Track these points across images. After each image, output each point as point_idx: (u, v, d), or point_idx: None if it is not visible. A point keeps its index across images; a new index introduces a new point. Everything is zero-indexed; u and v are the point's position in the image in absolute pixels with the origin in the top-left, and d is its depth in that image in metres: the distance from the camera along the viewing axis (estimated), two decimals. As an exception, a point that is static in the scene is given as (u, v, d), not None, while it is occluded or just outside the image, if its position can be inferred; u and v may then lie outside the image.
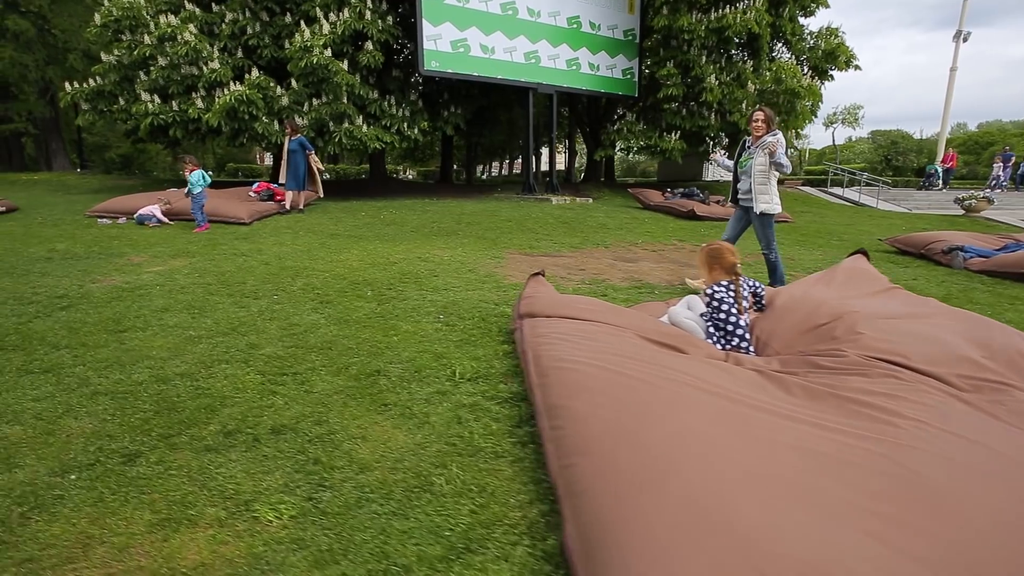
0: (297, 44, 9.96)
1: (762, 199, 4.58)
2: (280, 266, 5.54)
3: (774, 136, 4.48)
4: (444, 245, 7.13)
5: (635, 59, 14.24)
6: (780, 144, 4.46)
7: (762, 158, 4.49)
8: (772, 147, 4.35)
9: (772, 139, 4.45)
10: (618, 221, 10.32)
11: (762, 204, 4.59)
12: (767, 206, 4.61)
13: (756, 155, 4.56)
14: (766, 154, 4.44)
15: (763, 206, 4.59)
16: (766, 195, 4.57)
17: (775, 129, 4.55)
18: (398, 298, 4.47)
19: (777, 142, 4.46)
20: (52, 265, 5.20)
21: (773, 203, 4.62)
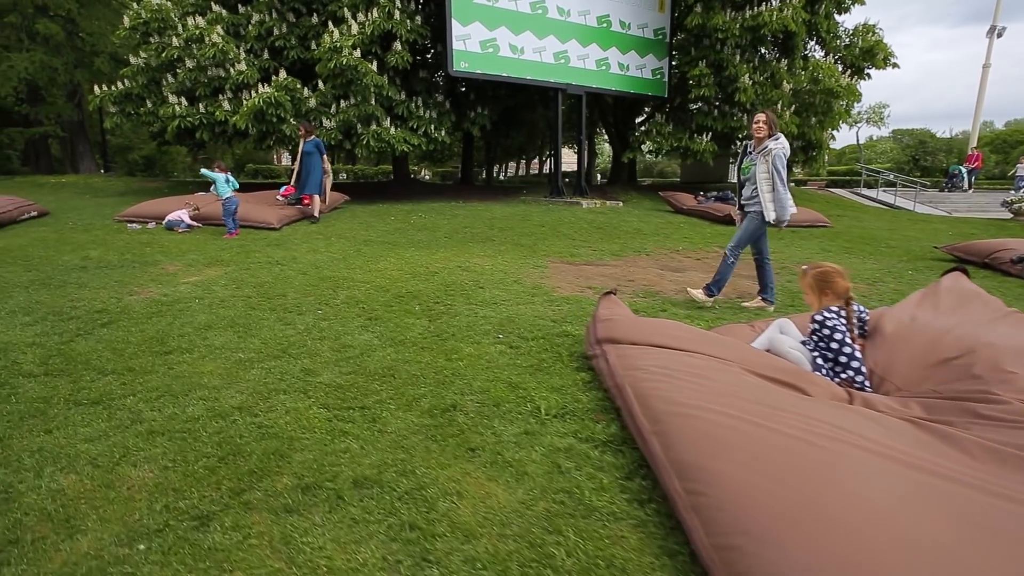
0: (326, 45, 9.77)
1: (771, 207, 4.29)
2: (318, 276, 5.32)
3: (776, 141, 4.24)
4: (482, 253, 6.88)
5: (665, 59, 13.88)
6: (779, 156, 4.20)
7: (764, 165, 4.25)
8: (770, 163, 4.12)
9: (775, 145, 4.21)
10: (653, 226, 10.00)
11: (771, 212, 4.30)
12: (784, 214, 4.31)
13: (759, 162, 4.31)
14: (768, 161, 4.20)
15: (772, 215, 4.31)
16: (774, 202, 4.30)
17: (777, 133, 4.30)
18: (448, 313, 4.22)
19: (779, 149, 4.21)
20: (87, 275, 5.03)
21: (780, 213, 4.29)
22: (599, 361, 2.79)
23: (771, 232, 4.92)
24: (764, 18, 11.97)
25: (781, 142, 4.25)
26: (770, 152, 4.20)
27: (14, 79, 14.60)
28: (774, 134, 4.27)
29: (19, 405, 2.35)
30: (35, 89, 16.46)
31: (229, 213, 7.65)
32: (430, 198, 13.04)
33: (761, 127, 4.31)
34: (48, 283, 4.64)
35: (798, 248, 8.34)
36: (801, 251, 8.06)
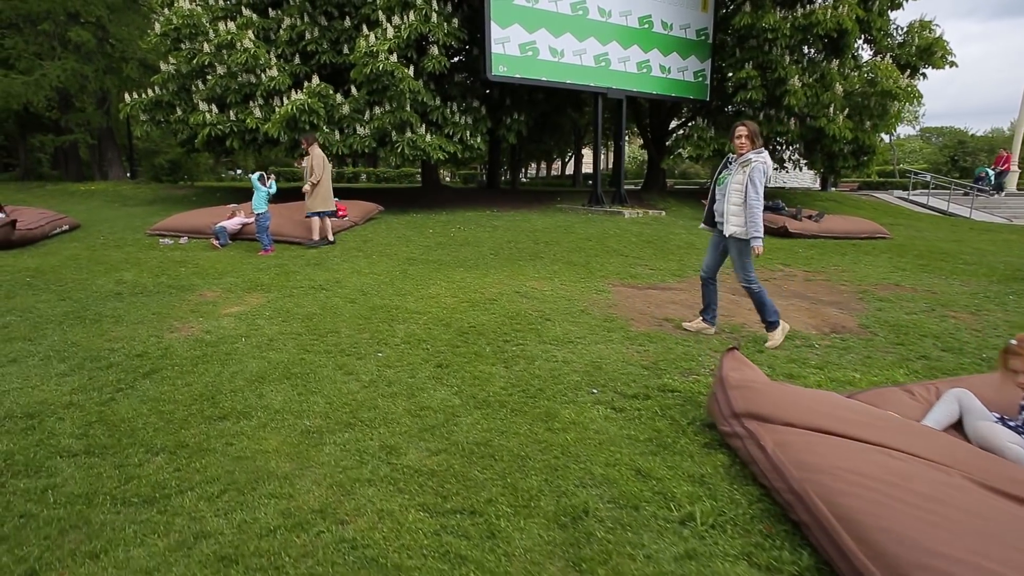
0: (362, 49, 9.37)
1: (733, 221, 3.96)
2: (368, 305, 4.88)
3: (759, 154, 3.91)
4: (536, 274, 6.40)
5: (707, 60, 13.26)
6: (758, 169, 3.87)
7: (740, 176, 3.93)
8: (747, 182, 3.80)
9: (757, 158, 3.88)
10: (703, 239, 9.38)
11: (732, 226, 3.97)
12: (737, 229, 3.95)
13: (735, 172, 3.98)
14: (746, 172, 3.88)
15: (733, 228, 3.97)
16: (739, 217, 3.93)
17: (760, 146, 3.97)
18: (524, 357, 3.75)
19: (759, 163, 3.87)
20: (123, 305, 4.65)
21: (749, 229, 3.90)
22: (745, 444, 2.29)
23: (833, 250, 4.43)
24: (818, 16, 11.29)
25: (764, 156, 3.92)
26: (750, 163, 3.87)
27: (46, 87, 14.51)
28: (757, 147, 3.94)
29: (58, 509, 1.93)
30: (66, 96, 16.41)
31: (263, 229, 7.29)
32: (463, 206, 12.60)
33: (743, 142, 3.94)
34: (83, 316, 4.27)
35: (867, 266, 7.70)
36: (872, 269, 7.43)
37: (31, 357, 3.37)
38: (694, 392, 3.17)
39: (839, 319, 5.02)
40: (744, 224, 3.91)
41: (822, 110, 12.25)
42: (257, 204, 7.27)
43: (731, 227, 3.98)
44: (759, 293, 4.14)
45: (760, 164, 3.88)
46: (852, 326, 4.82)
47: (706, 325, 4.46)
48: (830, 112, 12.06)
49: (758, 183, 3.87)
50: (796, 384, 3.19)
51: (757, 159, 3.88)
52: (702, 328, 4.46)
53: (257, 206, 7.27)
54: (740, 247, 4.05)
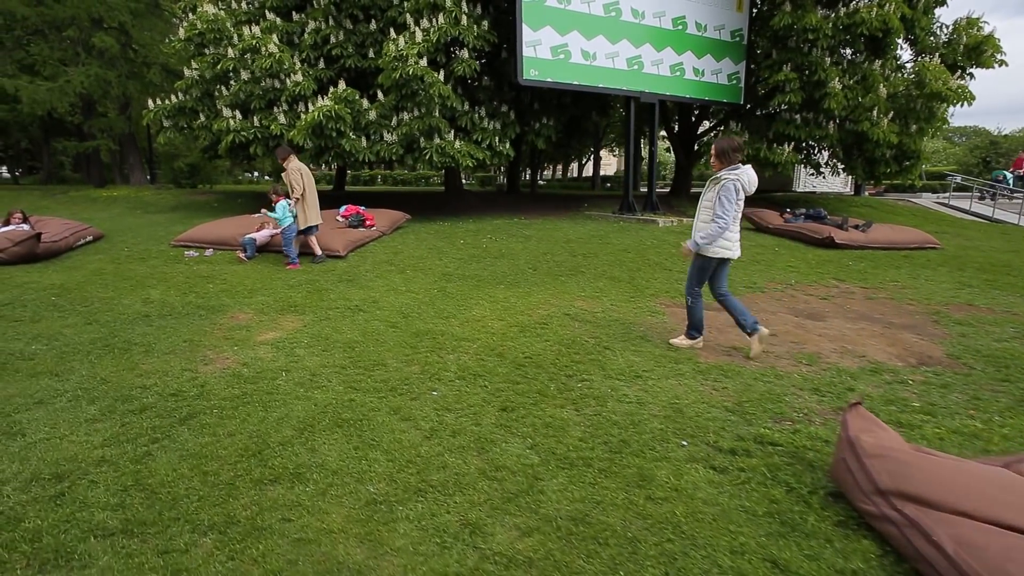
0: (391, 53, 9.07)
1: (699, 235, 4.02)
2: (411, 331, 4.55)
3: (732, 171, 3.88)
4: (581, 292, 6.03)
5: (741, 62, 12.79)
6: (727, 187, 3.84)
7: (711, 193, 3.99)
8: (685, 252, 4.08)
9: (728, 176, 3.86)
10: (745, 250, 8.81)
11: (698, 237, 4.02)
12: (704, 242, 3.99)
13: (707, 190, 4.08)
14: (715, 190, 3.92)
15: (699, 238, 4.01)
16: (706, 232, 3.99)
17: (735, 163, 3.92)
18: (592, 395, 3.38)
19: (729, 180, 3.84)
20: (152, 330, 4.37)
21: (716, 244, 3.97)
22: (904, 533, 1.90)
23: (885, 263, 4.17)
24: (862, 15, 10.79)
25: (738, 173, 3.87)
26: (719, 181, 3.91)
27: (71, 93, 14.45)
28: (731, 165, 3.90)
29: (95, 623, 1.59)
30: (89, 102, 16.38)
31: (289, 242, 7.01)
32: (489, 213, 12.27)
33: (713, 161, 4.01)
34: (111, 344, 3.98)
35: (928, 282, 7.22)
36: (935, 285, 6.95)
37: (59, 397, 3.07)
38: (797, 446, 2.79)
39: (922, 347, 4.59)
40: (710, 240, 3.96)
41: (864, 113, 11.73)
42: (282, 220, 6.98)
43: (697, 236, 4.03)
44: (692, 307, 4.27)
45: (730, 182, 3.84)
46: (940, 356, 4.39)
47: (693, 342, 4.38)
48: (873, 115, 11.55)
49: (726, 202, 3.85)
50: (910, 437, 2.80)
51: (727, 177, 3.86)
52: (694, 345, 4.40)
53: (282, 220, 6.99)
54: (699, 261, 4.13)
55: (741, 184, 3.89)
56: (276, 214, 7.00)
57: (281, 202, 7.05)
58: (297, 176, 7.02)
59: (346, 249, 7.53)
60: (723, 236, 3.96)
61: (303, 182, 7.02)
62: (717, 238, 3.95)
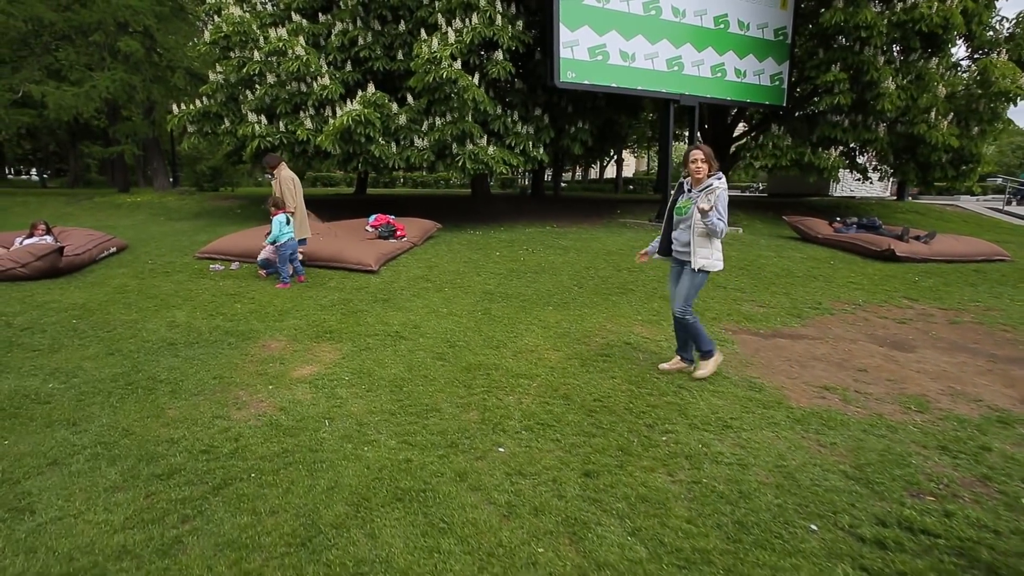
0: (424, 55, 8.66)
1: (701, 253, 3.81)
2: (461, 364, 4.10)
3: (720, 179, 3.71)
4: (636, 315, 5.53)
5: (785, 62, 12.15)
6: (724, 197, 3.68)
7: (704, 205, 3.67)
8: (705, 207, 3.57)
9: (719, 184, 3.68)
10: (798, 263, 8.39)
11: (701, 259, 3.82)
12: (707, 262, 3.82)
13: (699, 200, 3.73)
14: (711, 201, 3.65)
15: (703, 261, 3.82)
16: (707, 249, 3.82)
17: (718, 171, 3.78)
18: (682, 453, 2.90)
19: (723, 189, 3.68)
20: (179, 362, 3.98)
21: (714, 259, 3.84)
22: None
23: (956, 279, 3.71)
24: (922, 11, 10.11)
25: (724, 181, 3.73)
26: (714, 191, 3.66)
27: (96, 99, 14.33)
28: (715, 172, 3.76)
29: None
30: (114, 107, 16.29)
31: (284, 261, 6.30)
32: (519, 220, 11.81)
33: (700, 167, 3.74)
34: (134, 382, 3.59)
35: (1013, 302, 6.58)
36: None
37: (76, 456, 2.67)
38: (961, 537, 2.26)
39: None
40: (710, 256, 3.79)
41: (919, 115, 11.03)
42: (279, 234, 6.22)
43: (700, 260, 3.80)
44: (694, 324, 3.98)
45: (724, 191, 3.68)
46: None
47: (684, 364, 4.16)
48: (931, 117, 10.84)
49: (724, 212, 3.67)
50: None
51: (720, 184, 3.67)
52: (680, 367, 4.14)
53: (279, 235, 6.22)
54: (700, 279, 3.90)
55: (726, 191, 3.72)
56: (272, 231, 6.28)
57: (278, 216, 6.29)
58: (290, 186, 6.49)
59: (378, 263, 7.12)
60: (718, 247, 3.82)
61: (294, 192, 6.52)
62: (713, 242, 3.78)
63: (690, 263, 3.82)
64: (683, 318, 3.95)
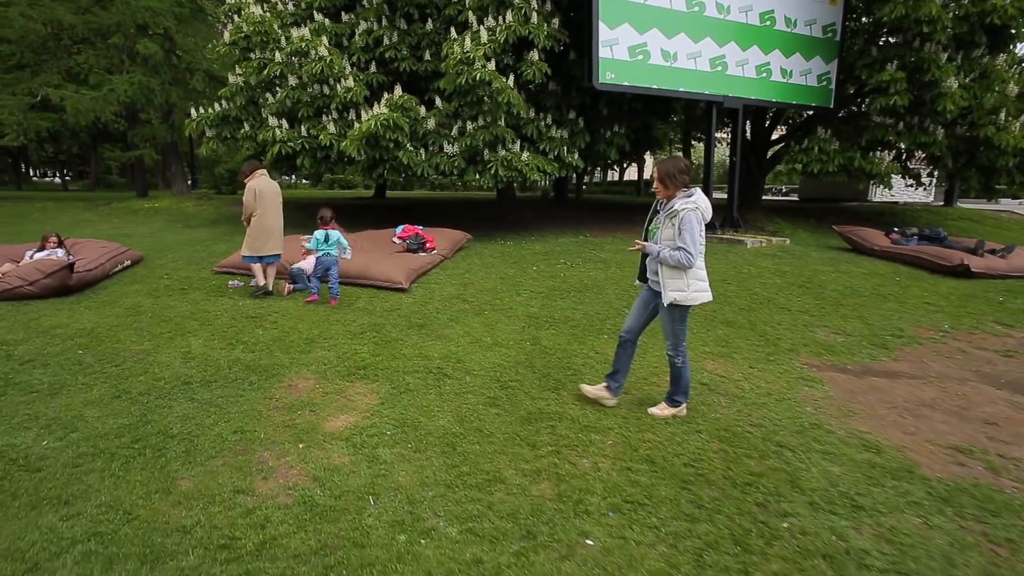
0: (456, 55, 8.11)
1: (672, 284, 3.26)
2: (518, 412, 3.51)
3: (687, 199, 3.18)
4: (703, 346, 4.91)
5: (833, 61, 11.40)
6: (690, 220, 3.14)
7: (669, 230, 3.25)
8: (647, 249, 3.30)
9: (684, 205, 3.16)
10: (860, 280, 7.68)
11: (672, 292, 3.26)
12: (680, 295, 3.26)
13: (664, 225, 3.29)
14: (675, 225, 3.20)
15: (673, 294, 3.26)
16: (679, 280, 3.25)
17: (690, 188, 3.23)
18: (817, 551, 2.29)
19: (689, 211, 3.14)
20: (193, 408, 3.44)
21: (692, 291, 3.26)
22: None
23: None
24: (994, 2, 9.31)
25: (695, 199, 3.18)
26: (677, 215, 3.18)
27: (114, 103, 14.05)
28: (686, 190, 3.21)
29: None
30: (132, 111, 16.05)
31: (316, 272, 5.94)
32: (549, 228, 11.20)
33: (657, 187, 3.29)
34: (142, 439, 3.06)
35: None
36: None
37: (62, 555, 2.14)
38: None
39: None
40: (686, 288, 3.23)
41: (984, 116, 10.23)
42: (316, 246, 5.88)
43: (670, 293, 3.24)
44: (680, 368, 3.45)
45: (690, 212, 3.14)
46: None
47: (608, 395, 3.60)
48: (999, 118, 10.03)
49: (690, 240, 3.12)
50: None
51: (684, 206, 3.16)
52: (601, 396, 3.60)
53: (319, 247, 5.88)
54: (674, 314, 3.33)
55: (701, 212, 3.18)
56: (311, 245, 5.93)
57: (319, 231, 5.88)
58: (249, 197, 6.05)
59: (409, 280, 6.57)
60: (697, 276, 3.25)
61: (256, 204, 6.04)
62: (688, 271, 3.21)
63: (662, 296, 3.27)
64: (673, 360, 3.44)
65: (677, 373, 3.47)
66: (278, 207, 6.29)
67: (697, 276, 3.26)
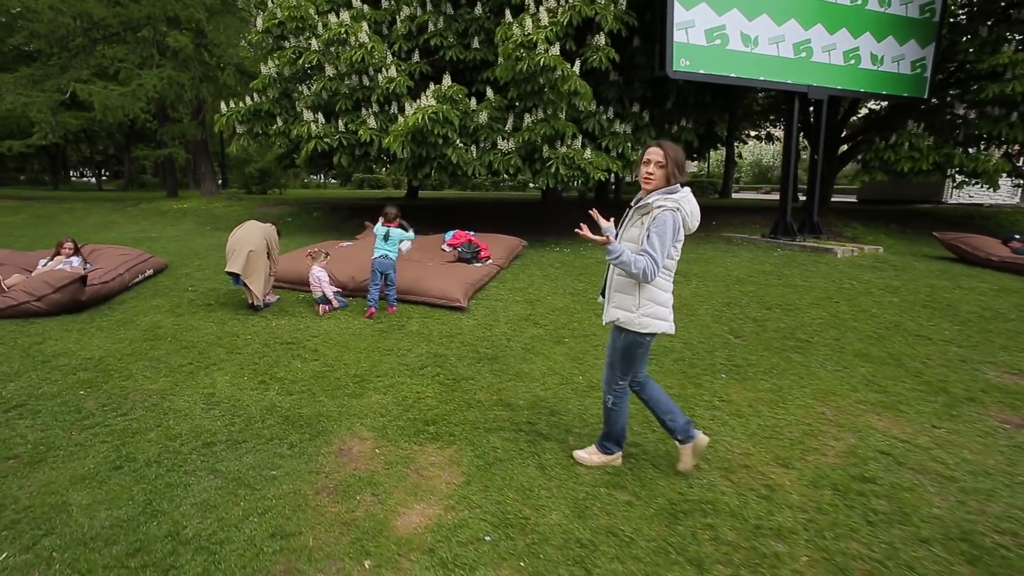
0: (516, 38, 7.15)
1: (617, 300, 2.46)
2: (656, 501, 2.52)
3: (668, 197, 2.31)
4: (847, 388, 3.83)
5: (930, 45, 10.11)
6: (665, 222, 2.28)
7: (636, 230, 2.40)
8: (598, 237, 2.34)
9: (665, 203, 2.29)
10: (994, 298, 6.46)
11: (615, 309, 2.47)
12: (623, 315, 2.44)
13: (628, 224, 2.47)
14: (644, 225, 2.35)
15: (617, 312, 2.47)
16: (629, 296, 2.42)
17: (679, 181, 2.36)
18: None
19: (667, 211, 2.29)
20: (215, 492, 2.54)
21: (639, 312, 2.40)
22: None
23: None
24: None
25: (680, 198, 2.32)
26: (651, 212, 2.32)
27: (143, 98, 13.51)
28: (675, 182, 2.34)
29: None
30: (162, 109, 15.57)
31: (373, 280, 5.30)
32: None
33: (652, 173, 2.36)
34: (144, 554, 2.15)
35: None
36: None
37: None
38: None
39: None
40: (634, 308, 2.43)
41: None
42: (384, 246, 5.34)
43: (613, 311, 2.50)
44: (616, 411, 2.66)
45: (668, 213, 2.31)
46: None
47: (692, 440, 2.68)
48: None
49: (658, 245, 2.29)
50: None
51: (663, 203, 2.33)
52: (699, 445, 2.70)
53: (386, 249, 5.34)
54: (628, 341, 2.51)
55: (683, 216, 2.35)
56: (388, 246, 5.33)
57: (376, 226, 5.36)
58: None
59: (467, 296, 5.64)
60: (654, 297, 2.43)
61: None
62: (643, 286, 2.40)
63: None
64: (604, 400, 2.67)
65: (609, 416, 2.66)
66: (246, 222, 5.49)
67: (654, 297, 2.42)
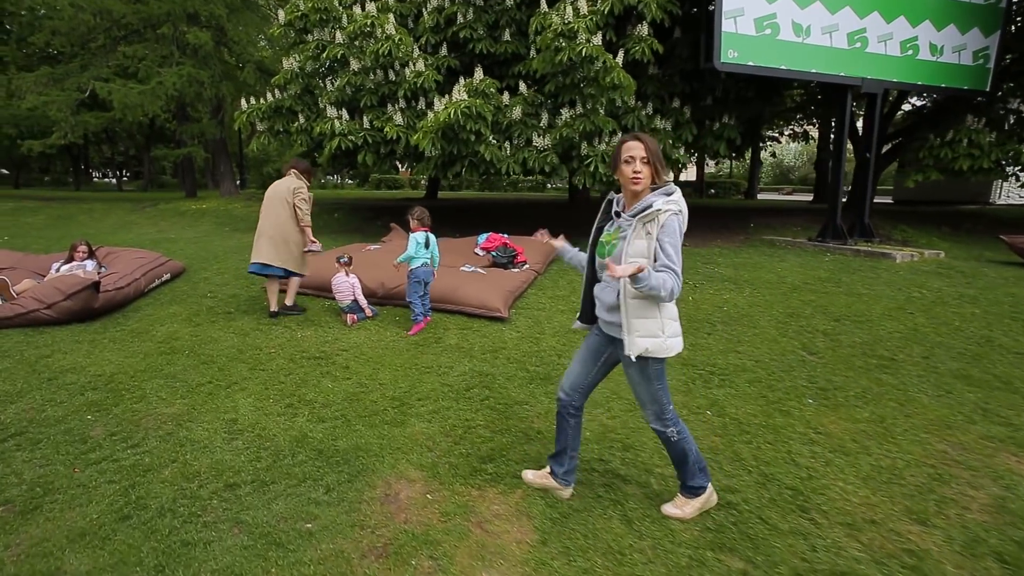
0: (555, 27, 6.68)
1: (641, 328, 2.04)
2: (779, 573, 2.04)
3: (668, 197, 1.98)
4: (962, 418, 3.28)
5: (994, 34, 9.44)
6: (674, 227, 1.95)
7: (642, 241, 1.99)
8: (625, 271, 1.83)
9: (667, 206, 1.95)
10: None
11: (642, 340, 2.04)
12: (652, 343, 2.04)
13: (632, 236, 2.01)
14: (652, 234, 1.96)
15: (644, 343, 2.04)
16: (651, 320, 2.04)
17: (669, 181, 2.05)
18: None
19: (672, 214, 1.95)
20: (240, 550, 2.10)
21: (665, 335, 2.06)
22: None
23: None
24: None
25: (678, 199, 2.00)
26: (656, 218, 1.96)
27: (162, 97, 13.28)
28: (664, 182, 2.03)
29: None
30: (182, 108, 15.38)
31: (416, 292, 4.75)
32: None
33: (639, 172, 1.99)
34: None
35: None
36: None
37: None
38: None
39: None
40: (660, 332, 2.03)
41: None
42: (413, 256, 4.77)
43: (640, 341, 2.02)
44: (683, 440, 2.23)
45: (674, 217, 1.95)
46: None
47: (557, 485, 2.44)
48: None
49: (674, 253, 1.93)
50: None
51: (667, 207, 1.94)
52: (548, 484, 2.45)
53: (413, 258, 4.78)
54: (651, 371, 2.10)
55: (684, 219, 2.01)
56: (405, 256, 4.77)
57: (416, 234, 4.76)
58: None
59: (507, 305, 5.17)
60: (671, 314, 2.08)
61: None
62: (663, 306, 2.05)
63: (624, 344, 2.06)
64: (665, 435, 2.25)
65: (678, 451, 2.29)
66: (270, 206, 5.01)
67: (671, 314, 2.11)
